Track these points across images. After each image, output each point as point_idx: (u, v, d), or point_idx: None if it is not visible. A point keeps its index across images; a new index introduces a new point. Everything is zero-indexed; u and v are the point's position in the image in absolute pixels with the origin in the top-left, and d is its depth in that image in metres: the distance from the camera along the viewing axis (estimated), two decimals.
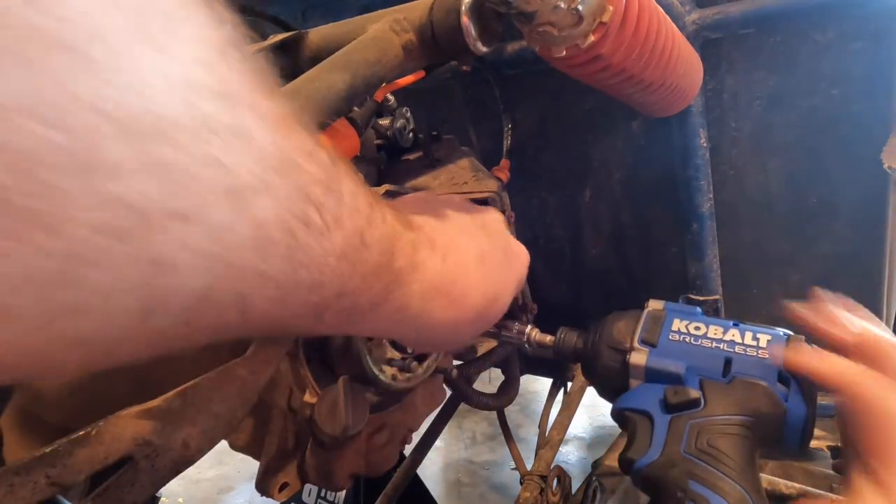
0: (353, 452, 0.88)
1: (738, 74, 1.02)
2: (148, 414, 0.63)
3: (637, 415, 0.61)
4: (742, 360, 0.59)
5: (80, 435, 0.57)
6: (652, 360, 0.62)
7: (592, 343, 0.70)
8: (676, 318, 0.65)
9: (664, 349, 0.63)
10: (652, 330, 0.65)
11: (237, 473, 2.60)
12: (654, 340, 0.64)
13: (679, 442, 0.56)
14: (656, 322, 0.65)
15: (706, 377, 0.60)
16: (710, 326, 0.63)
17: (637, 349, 0.64)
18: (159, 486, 0.65)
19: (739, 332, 0.61)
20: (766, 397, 0.57)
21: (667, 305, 0.68)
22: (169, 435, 0.64)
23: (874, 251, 1.04)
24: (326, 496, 1.78)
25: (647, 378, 0.63)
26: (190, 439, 0.66)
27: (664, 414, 0.59)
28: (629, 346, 0.65)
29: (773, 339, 0.60)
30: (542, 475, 1.05)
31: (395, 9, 0.85)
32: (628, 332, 0.66)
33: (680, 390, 0.59)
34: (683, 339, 0.63)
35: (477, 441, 2.83)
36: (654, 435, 0.58)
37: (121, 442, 0.60)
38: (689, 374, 0.61)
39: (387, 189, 0.92)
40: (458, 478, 2.60)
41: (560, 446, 1.15)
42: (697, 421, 0.57)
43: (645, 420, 0.60)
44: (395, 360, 0.88)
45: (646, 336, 0.64)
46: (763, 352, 0.59)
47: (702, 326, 0.63)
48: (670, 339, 0.63)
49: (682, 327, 0.64)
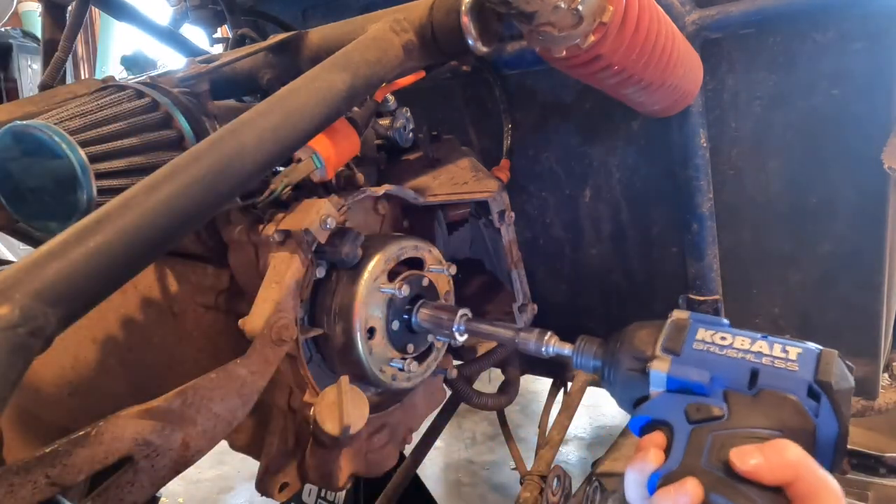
0: (353, 452, 0.88)
1: (738, 74, 1.02)
2: (148, 414, 0.63)
3: (657, 425, 0.59)
4: (770, 373, 0.57)
5: (80, 435, 0.57)
6: (675, 369, 0.60)
7: (613, 351, 0.68)
8: (701, 327, 0.63)
9: (688, 358, 0.60)
10: (675, 338, 0.62)
11: (237, 473, 2.60)
12: (677, 349, 0.61)
13: (699, 454, 0.54)
14: (680, 331, 0.63)
15: (731, 388, 0.58)
16: (737, 337, 0.60)
17: (659, 357, 0.61)
18: (159, 487, 0.65)
19: (768, 343, 0.59)
20: (795, 412, 0.55)
21: (692, 315, 0.65)
22: (169, 435, 0.64)
23: (874, 251, 1.04)
24: (326, 496, 1.78)
25: (668, 387, 0.60)
26: (190, 439, 0.66)
27: (685, 424, 0.57)
28: (651, 355, 0.62)
29: (804, 352, 0.58)
30: (542, 475, 1.05)
31: (395, 9, 0.85)
32: (651, 340, 0.64)
33: (703, 405, 0.57)
34: (708, 348, 0.60)
35: (477, 441, 2.83)
36: (674, 445, 0.56)
37: (121, 442, 0.60)
38: (713, 384, 0.58)
39: (386, 189, 0.92)
40: (458, 478, 2.60)
41: (560, 446, 1.15)
42: (720, 433, 0.54)
43: (666, 430, 0.58)
44: (394, 360, 0.88)
45: (669, 344, 0.62)
46: (792, 364, 0.57)
47: (728, 337, 0.61)
48: (694, 349, 0.61)
49: (707, 337, 0.61)
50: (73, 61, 4.60)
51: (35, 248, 0.53)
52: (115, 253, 0.54)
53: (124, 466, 0.61)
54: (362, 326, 0.84)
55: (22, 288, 0.48)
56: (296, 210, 0.80)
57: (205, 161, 0.61)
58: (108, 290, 0.55)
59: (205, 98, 0.87)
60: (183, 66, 0.90)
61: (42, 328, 0.49)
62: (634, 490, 0.57)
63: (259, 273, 0.80)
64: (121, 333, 0.99)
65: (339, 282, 0.86)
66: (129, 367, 1.00)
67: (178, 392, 0.65)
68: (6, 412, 0.73)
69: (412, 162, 1.07)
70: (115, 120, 0.78)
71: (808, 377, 0.56)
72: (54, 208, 0.75)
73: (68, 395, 1.01)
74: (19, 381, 0.48)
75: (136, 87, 0.83)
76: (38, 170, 0.74)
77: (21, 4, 4.50)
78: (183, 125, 0.82)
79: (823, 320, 1.12)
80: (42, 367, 1.01)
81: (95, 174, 0.74)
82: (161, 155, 0.80)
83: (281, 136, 0.68)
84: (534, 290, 1.09)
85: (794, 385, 0.56)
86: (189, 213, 0.59)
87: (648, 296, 1.30)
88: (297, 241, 0.79)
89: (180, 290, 0.94)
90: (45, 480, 0.55)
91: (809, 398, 0.55)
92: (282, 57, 0.97)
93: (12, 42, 3.92)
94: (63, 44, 1.26)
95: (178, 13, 1.47)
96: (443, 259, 0.95)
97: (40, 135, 0.72)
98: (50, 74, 1.24)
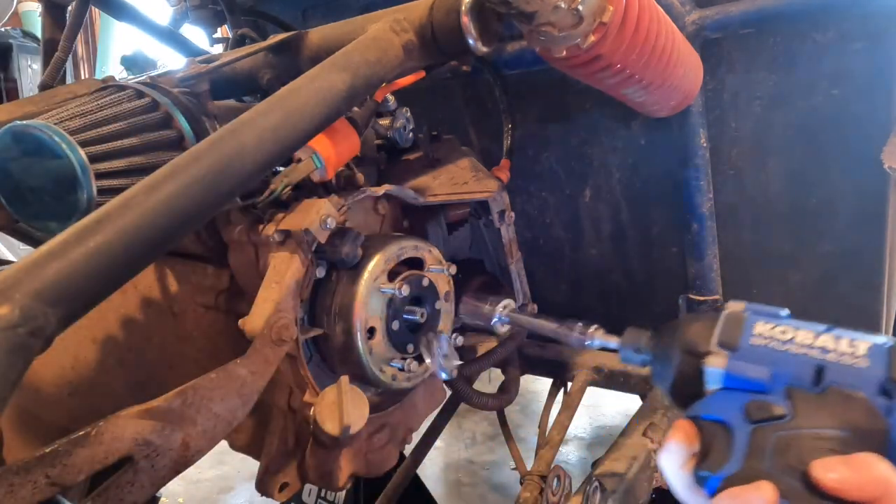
0: (353, 452, 0.88)
1: (738, 74, 1.02)
2: (148, 414, 0.63)
3: (714, 425, 0.56)
4: (837, 369, 0.53)
5: (80, 435, 0.57)
6: (732, 365, 0.57)
7: (664, 345, 0.64)
8: (759, 320, 0.59)
9: (746, 353, 0.57)
10: (732, 332, 0.59)
11: (237, 473, 2.60)
12: (734, 344, 0.58)
13: (762, 456, 0.50)
14: (736, 324, 0.59)
15: (794, 385, 0.54)
16: (799, 330, 0.57)
17: (715, 353, 0.58)
18: (159, 487, 0.65)
19: (833, 337, 0.55)
20: (866, 411, 0.51)
21: (748, 306, 0.61)
22: (169, 435, 0.64)
23: (874, 251, 1.04)
24: (326, 496, 1.78)
25: (726, 384, 0.57)
26: (190, 439, 0.66)
27: (745, 424, 0.54)
28: (706, 350, 0.59)
29: (874, 347, 0.54)
30: (542, 475, 1.05)
31: (395, 9, 0.85)
32: (705, 334, 0.60)
33: (764, 404, 0.53)
34: (768, 343, 0.57)
35: (477, 441, 2.83)
36: (734, 447, 0.52)
37: (121, 442, 0.60)
38: (774, 381, 0.55)
39: (386, 189, 0.92)
40: (458, 478, 2.60)
41: (560, 446, 1.15)
42: (784, 434, 0.51)
43: (723, 431, 0.55)
44: (394, 360, 0.88)
45: (725, 339, 0.58)
46: (861, 360, 0.53)
47: (789, 330, 0.57)
48: (752, 343, 0.57)
49: (765, 331, 0.58)
50: (73, 61, 4.60)
51: (35, 248, 0.53)
52: (115, 253, 0.54)
53: (124, 466, 0.61)
54: (362, 326, 0.84)
55: (22, 288, 0.48)
56: (296, 210, 0.80)
57: (205, 161, 0.61)
58: (108, 290, 0.55)
59: (205, 98, 0.87)
60: (183, 66, 0.90)
61: (42, 328, 0.49)
62: (676, 475, 0.55)
63: (259, 273, 0.80)
64: (121, 333, 0.99)
65: (339, 282, 0.86)
66: (129, 367, 1.00)
67: (178, 392, 0.65)
68: (6, 412, 0.73)
69: (412, 162, 1.07)
70: (115, 120, 0.78)
71: (879, 374, 0.52)
72: (54, 208, 0.75)
73: (68, 395, 1.01)
74: (19, 381, 0.48)
75: (136, 87, 0.83)
76: (38, 170, 0.74)
77: (21, 4, 4.50)
78: (183, 125, 0.82)
79: (823, 320, 1.12)
80: (42, 367, 1.01)
81: (95, 174, 0.74)
82: (161, 155, 0.80)
83: (281, 136, 0.68)
84: (534, 290, 1.09)
85: (863, 382, 0.52)
86: (189, 213, 0.59)
87: (648, 296, 1.30)
88: (297, 241, 0.79)
89: (180, 290, 0.94)
90: (45, 480, 0.55)
91: (880, 396, 0.52)
92: (282, 57, 0.97)
93: (12, 42, 3.92)
94: (63, 44, 1.26)
95: (178, 13, 1.47)
96: (443, 259, 0.95)
97: (40, 135, 0.72)
98: (50, 74, 1.24)
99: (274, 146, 0.67)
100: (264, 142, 0.66)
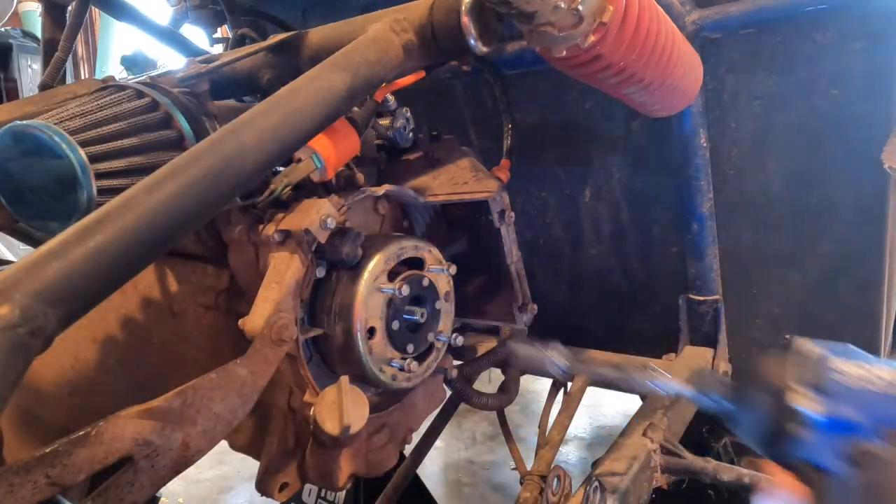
0: (353, 452, 0.88)
1: (738, 74, 1.02)
2: (148, 414, 0.63)
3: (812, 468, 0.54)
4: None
5: (80, 435, 0.57)
6: (820, 406, 0.54)
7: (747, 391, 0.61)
8: (838, 357, 0.57)
9: (831, 393, 0.55)
10: (813, 371, 0.56)
11: (237, 473, 2.60)
12: (818, 383, 0.56)
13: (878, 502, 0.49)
14: (815, 363, 0.57)
15: (885, 425, 0.52)
16: (875, 366, 0.55)
17: (797, 392, 0.56)
18: (159, 487, 0.64)
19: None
20: None
21: (817, 343, 0.59)
22: (169, 435, 0.64)
23: (874, 251, 1.04)
24: (326, 496, 1.78)
25: (813, 425, 0.55)
26: (190, 439, 0.66)
27: (850, 468, 0.52)
28: (787, 388, 0.57)
29: None
30: (542, 475, 1.04)
31: (395, 9, 0.85)
32: (783, 373, 0.58)
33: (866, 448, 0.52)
34: (850, 381, 0.55)
35: (477, 441, 2.83)
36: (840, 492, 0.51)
37: (121, 442, 0.60)
38: (867, 422, 0.53)
39: (386, 189, 0.92)
40: (458, 478, 2.60)
41: (560, 446, 1.14)
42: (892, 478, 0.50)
43: (827, 478, 0.53)
44: (394, 360, 0.88)
45: (806, 377, 0.56)
46: None
47: (865, 366, 0.55)
48: (836, 382, 0.55)
49: (847, 368, 0.55)
50: (73, 61, 4.60)
51: (35, 248, 0.53)
52: (115, 253, 0.54)
53: (124, 466, 0.61)
54: (362, 326, 0.84)
55: (22, 288, 0.48)
56: (296, 210, 0.80)
57: (205, 161, 0.61)
58: (108, 290, 0.55)
59: (205, 98, 0.87)
60: (183, 66, 0.90)
61: (42, 328, 0.49)
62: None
63: (259, 273, 0.80)
64: (121, 333, 0.99)
65: (339, 282, 0.86)
66: (129, 367, 1.00)
67: (178, 392, 0.65)
68: (6, 412, 0.73)
69: (412, 162, 1.07)
70: (115, 120, 0.78)
71: None
72: (54, 208, 0.75)
73: (68, 395, 1.01)
74: (19, 381, 0.48)
75: (136, 87, 0.83)
76: (38, 170, 0.74)
77: (21, 4, 4.50)
78: (183, 125, 0.82)
79: (823, 320, 1.12)
80: (42, 367, 1.01)
81: (95, 174, 0.74)
82: (161, 155, 0.80)
83: (281, 136, 0.68)
84: (534, 290, 1.09)
85: None
86: (189, 213, 0.59)
87: (648, 296, 1.30)
88: (297, 241, 0.79)
89: (180, 290, 0.94)
90: (45, 480, 0.55)
91: None
92: (282, 57, 0.96)
93: (12, 42, 3.92)
94: (63, 44, 1.26)
95: (178, 13, 1.47)
96: (443, 259, 0.95)
97: (40, 135, 0.72)
98: (50, 74, 1.24)
99: (274, 146, 0.67)
100: (264, 142, 0.66)
